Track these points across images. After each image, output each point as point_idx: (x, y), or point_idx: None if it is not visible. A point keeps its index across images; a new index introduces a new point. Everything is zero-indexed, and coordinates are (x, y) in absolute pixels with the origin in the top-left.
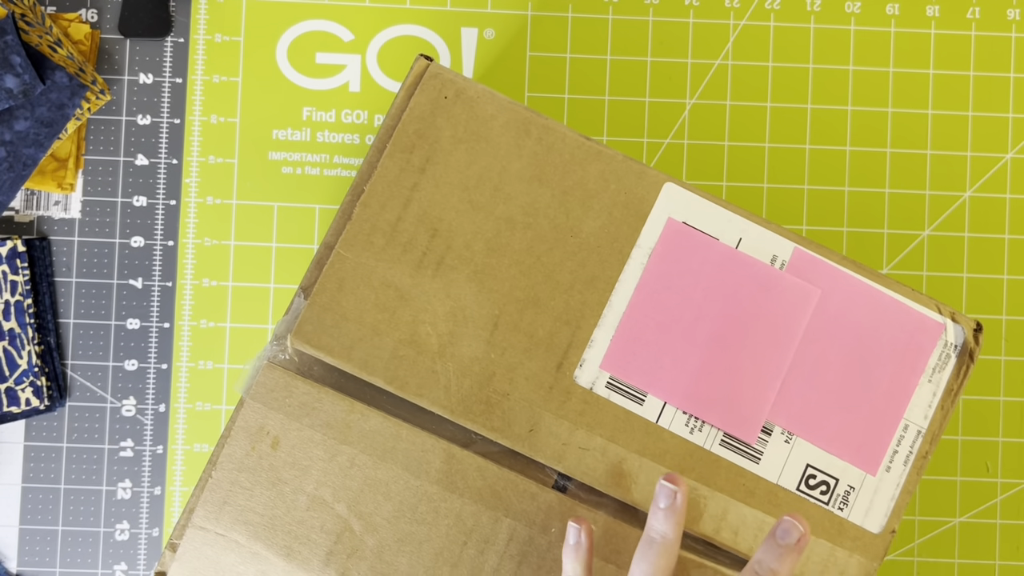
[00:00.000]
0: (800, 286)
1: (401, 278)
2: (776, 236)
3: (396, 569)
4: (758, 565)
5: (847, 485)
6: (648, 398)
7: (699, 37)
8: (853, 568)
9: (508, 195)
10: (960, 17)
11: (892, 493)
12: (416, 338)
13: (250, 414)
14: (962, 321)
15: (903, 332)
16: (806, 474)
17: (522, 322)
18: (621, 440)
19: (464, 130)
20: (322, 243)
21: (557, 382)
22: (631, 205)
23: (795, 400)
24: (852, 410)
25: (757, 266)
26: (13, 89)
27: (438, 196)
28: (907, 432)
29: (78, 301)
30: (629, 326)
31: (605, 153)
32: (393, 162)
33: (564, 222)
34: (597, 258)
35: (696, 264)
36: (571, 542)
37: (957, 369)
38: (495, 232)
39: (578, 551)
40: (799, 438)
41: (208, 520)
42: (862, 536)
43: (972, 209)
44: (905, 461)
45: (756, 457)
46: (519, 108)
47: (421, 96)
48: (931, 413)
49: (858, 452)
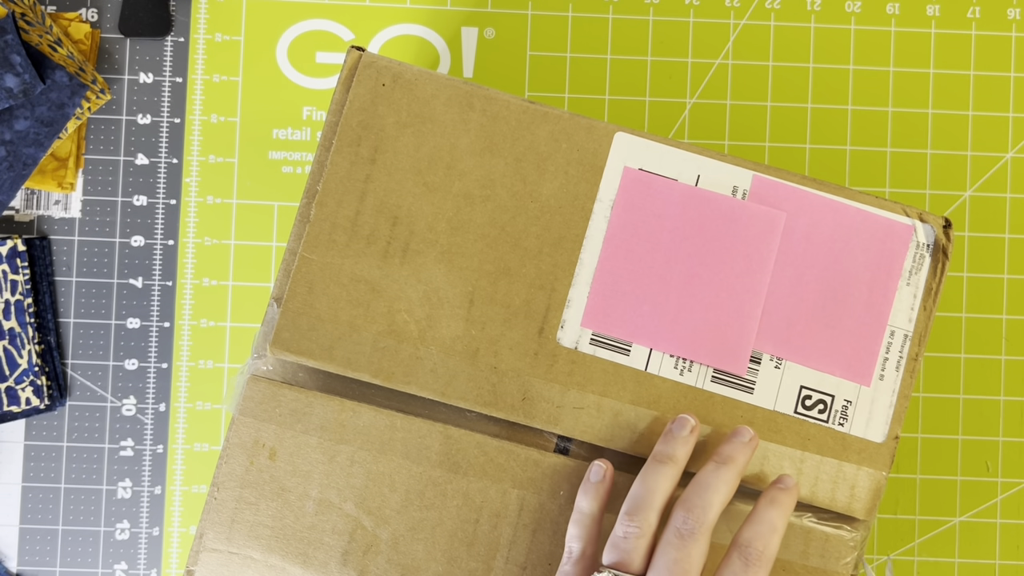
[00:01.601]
0: (765, 212)
1: (369, 271)
2: (733, 167)
3: (413, 557)
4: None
5: (843, 400)
6: (633, 348)
7: (699, 37)
8: (863, 479)
9: (462, 171)
10: (960, 17)
11: (889, 400)
12: (394, 327)
13: (243, 429)
14: (930, 220)
15: (874, 240)
16: (801, 396)
17: (497, 294)
18: (613, 393)
19: (407, 114)
20: (286, 250)
21: (541, 347)
22: (585, 161)
23: (779, 325)
24: (836, 326)
25: (719, 200)
26: (13, 88)
27: (392, 184)
28: (894, 338)
29: (78, 300)
30: (603, 280)
31: (552, 114)
32: (342, 157)
33: (522, 189)
34: (560, 219)
35: (659, 208)
36: (592, 479)
37: (933, 267)
38: (455, 210)
39: (598, 489)
40: (788, 362)
41: (219, 541)
42: (866, 448)
43: (972, 209)
44: (897, 367)
45: (749, 387)
46: (459, 83)
47: (359, 87)
48: (915, 315)
49: (849, 366)
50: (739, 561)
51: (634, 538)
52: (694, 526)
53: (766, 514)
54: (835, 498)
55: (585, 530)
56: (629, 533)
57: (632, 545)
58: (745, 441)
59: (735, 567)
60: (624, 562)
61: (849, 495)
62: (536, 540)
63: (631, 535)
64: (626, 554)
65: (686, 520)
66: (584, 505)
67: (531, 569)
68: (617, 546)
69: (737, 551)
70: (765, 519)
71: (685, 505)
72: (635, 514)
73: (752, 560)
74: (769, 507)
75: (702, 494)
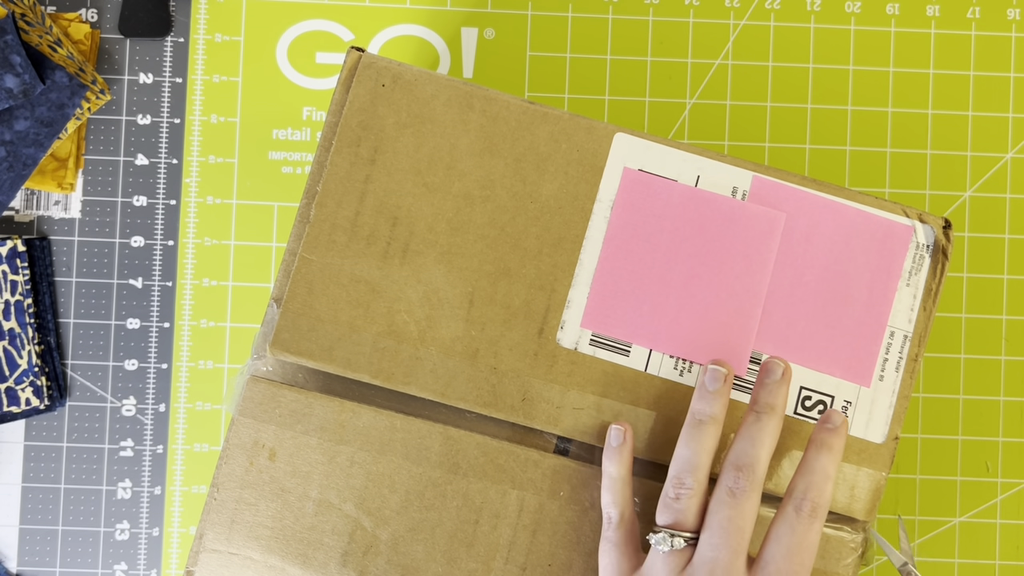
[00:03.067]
0: (764, 213)
1: (369, 271)
2: (733, 168)
3: (413, 558)
4: (756, 404)
5: (843, 401)
6: (633, 348)
7: (699, 37)
8: (863, 480)
9: (462, 172)
10: (960, 17)
11: (889, 401)
12: (394, 328)
13: (242, 430)
14: (930, 221)
15: (874, 241)
16: (801, 396)
17: (497, 294)
18: (613, 394)
19: (407, 114)
20: (286, 250)
21: (541, 348)
22: (585, 161)
23: (779, 326)
24: (836, 326)
25: (719, 200)
26: (13, 89)
27: (392, 184)
28: (894, 339)
29: (78, 301)
30: (603, 281)
31: (551, 114)
32: (342, 158)
33: (522, 189)
34: (560, 219)
35: (659, 208)
36: (613, 444)
37: (933, 268)
38: (455, 211)
39: (621, 452)
40: (788, 363)
41: (219, 542)
42: (866, 448)
43: (972, 209)
44: (897, 367)
45: (749, 388)
46: (459, 84)
47: (359, 88)
48: (914, 316)
49: (849, 367)
50: (794, 514)
51: (686, 498)
52: (745, 485)
53: (817, 462)
54: (835, 499)
55: (619, 495)
56: (681, 494)
57: (684, 505)
58: (778, 379)
59: (790, 520)
60: (679, 522)
61: (849, 496)
62: (536, 541)
63: (683, 495)
64: (680, 514)
65: (737, 479)
66: (612, 470)
67: (531, 570)
68: (669, 507)
69: (792, 503)
70: (817, 467)
71: (735, 463)
72: (684, 474)
73: (806, 513)
74: (819, 453)
75: (749, 451)
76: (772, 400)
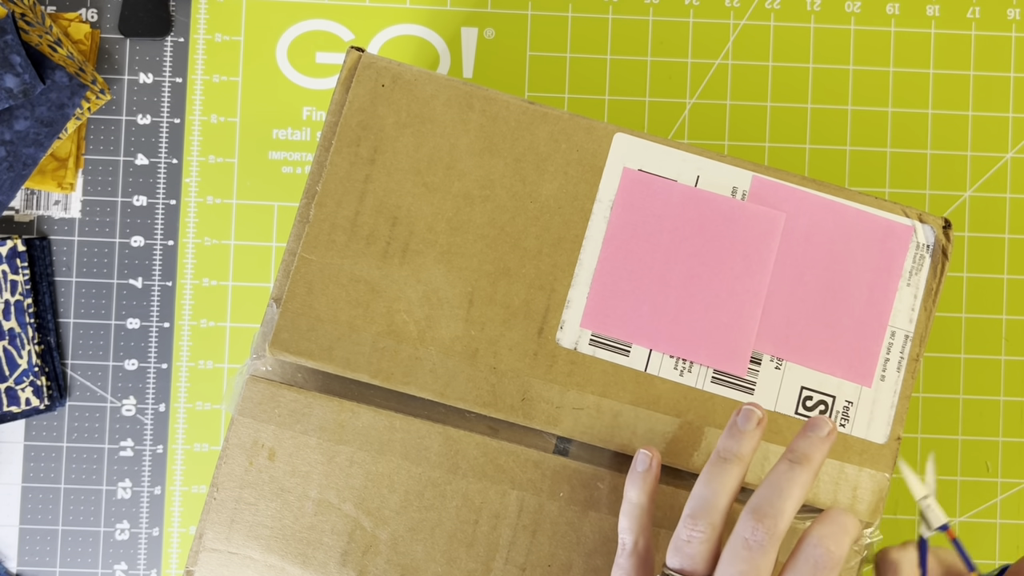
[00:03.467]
0: (764, 213)
1: (369, 271)
2: (733, 168)
3: (413, 558)
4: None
5: (844, 401)
6: (633, 348)
7: (699, 37)
8: (865, 481)
9: (461, 172)
10: (960, 17)
11: (891, 401)
12: (394, 328)
13: (242, 430)
14: (930, 221)
15: (874, 241)
16: (802, 397)
17: (496, 294)
18: (613, 394)
19: (407, 114)
20: (285, 250)
21: (541, 348)
22: (585, 161)
23: (779, 326)
24: (837, 326)
25: (719, 200)
26: (13, 89)
27: (392, 184)
28: (895, 338)
29: (78, 301)
30: (603, 281)
31: (551, 114)
32: (342, 158)
33: (521, 189)
34: (560, 219)
35: (658, 208)
36: (639, 469)
37: (933, 268)
38: (455, 210)
39: (646, 478)
40: (789, 362)
41: (219, 541)
42: (868, 449)
43: (972, 209)
44: (898, 367)
45: (750, 388)
46: (458, 84)
47: (359, 88)
48: (915, 316)
49: (850, 367)
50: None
51: (698, 542)
52: (763, 538)
53: (839, 516)
54: (837, 500)
55: (636, 522)
56: (693, 537)
57: (696, 550)
58: (823, 435)
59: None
60: (688, 568)
61: (851, 497)
62: (536, 541)
63: (695, 539)
64: (690, 559)
65: (755, 531)
66: (633, 495)
67: (530, 570)
68: (681, 550)
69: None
70: (837, 520)
71: (756, 513)
72: (699, 517)
73: (823, 565)
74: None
75: (774, 501)
76: (811, 452)
